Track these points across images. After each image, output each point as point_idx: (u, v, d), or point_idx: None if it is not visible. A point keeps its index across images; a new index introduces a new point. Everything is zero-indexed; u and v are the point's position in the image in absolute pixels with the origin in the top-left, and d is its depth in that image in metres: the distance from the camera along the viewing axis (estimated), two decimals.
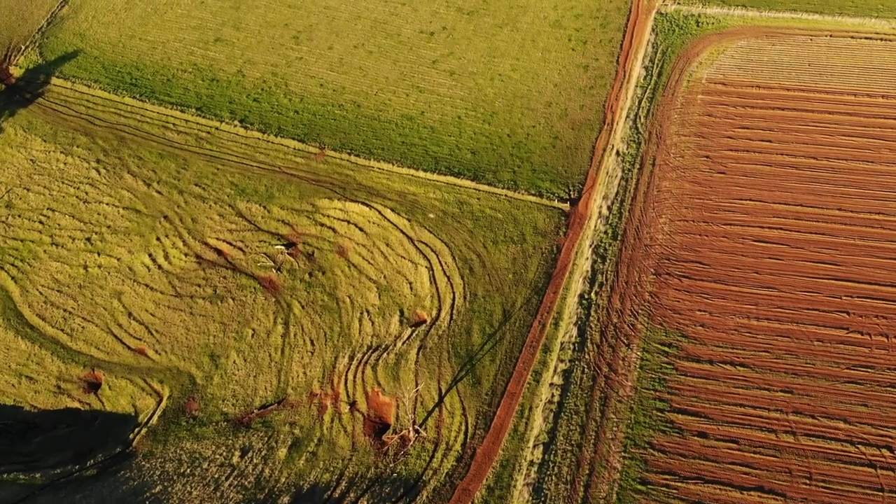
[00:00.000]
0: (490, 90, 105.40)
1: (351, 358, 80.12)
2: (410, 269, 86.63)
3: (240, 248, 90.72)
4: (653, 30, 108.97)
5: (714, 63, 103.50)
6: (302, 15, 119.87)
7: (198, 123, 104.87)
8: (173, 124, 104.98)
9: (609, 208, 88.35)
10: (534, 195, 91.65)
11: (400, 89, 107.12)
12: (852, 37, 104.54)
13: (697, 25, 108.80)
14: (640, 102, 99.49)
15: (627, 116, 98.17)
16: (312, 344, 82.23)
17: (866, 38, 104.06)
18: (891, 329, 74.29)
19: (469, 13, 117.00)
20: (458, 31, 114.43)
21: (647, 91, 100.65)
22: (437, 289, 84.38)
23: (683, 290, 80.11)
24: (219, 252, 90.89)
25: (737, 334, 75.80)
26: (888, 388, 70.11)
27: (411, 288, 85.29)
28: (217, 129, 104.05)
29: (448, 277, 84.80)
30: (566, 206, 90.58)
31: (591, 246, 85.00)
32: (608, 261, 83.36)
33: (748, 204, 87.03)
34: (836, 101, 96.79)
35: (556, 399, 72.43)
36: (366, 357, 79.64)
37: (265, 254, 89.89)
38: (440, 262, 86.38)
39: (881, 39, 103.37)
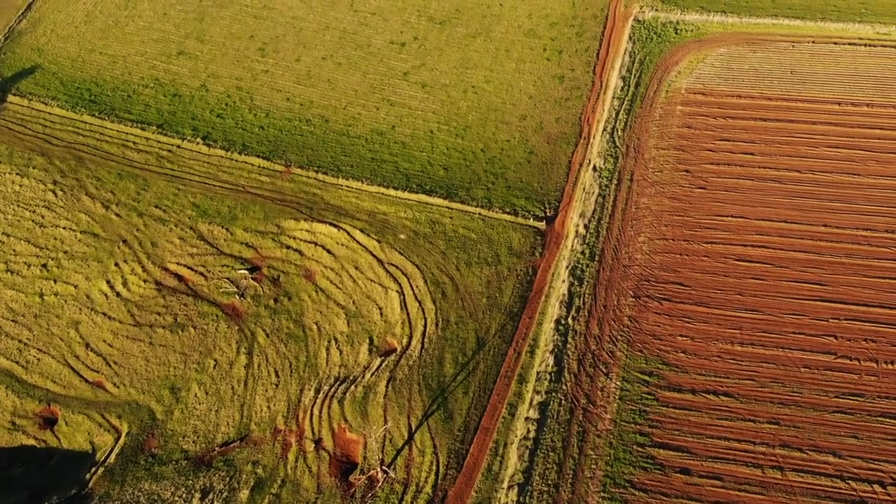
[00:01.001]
0: (463, 103, 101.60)
1: (317, 391, 76.26)
2: (380, 294, 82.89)
3: (201, 274, 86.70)
4: (630, 38, 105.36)
5: (693, 72, 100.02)
6: (268, 26, 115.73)
7: (159, 141, 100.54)
8: (133, 143, 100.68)
9: (586, 227, 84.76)
10: (508, 213, 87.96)
11: (370, 103, 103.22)
12: (835, 42, 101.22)
13: (676, 33, 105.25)
14: (617, 115, 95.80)
15: (604, 129, 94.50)
16: (277, 375, 78.38)
17: (850, 43, 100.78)
18: (880, 354, 71.02)
19: (441, 23, 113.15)
20: (430, 42, 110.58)
21: (625, 102, 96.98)
22: (408, 315, 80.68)
23: (664, 313, 76.64)
24: (179, 278, 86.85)
25: (720, 361, 72.32)
26: (879, 419, 66.74)
27: (381, 314, 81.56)
28: (179, 147, 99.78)
29: (419, 302, 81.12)
30: (542, 225, 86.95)
31: (567, 267, 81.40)
32: (585, 283, 79.80)
33: (730, 221, 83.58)
34: (820, 111, 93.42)
35: (531, 435, 68.71)
36: (333, 390, 75.80)
37: (228, 279, 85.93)
38: (411, 285, 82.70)
39: (865, 45, 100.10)
